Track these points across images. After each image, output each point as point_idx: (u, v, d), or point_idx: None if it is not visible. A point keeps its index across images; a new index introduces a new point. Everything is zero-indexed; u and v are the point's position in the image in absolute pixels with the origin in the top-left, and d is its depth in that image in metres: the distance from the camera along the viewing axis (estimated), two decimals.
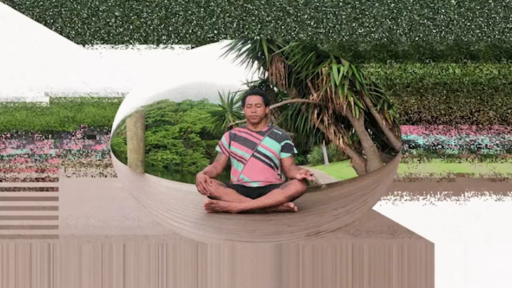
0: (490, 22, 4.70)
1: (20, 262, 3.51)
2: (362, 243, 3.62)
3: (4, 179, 6.07)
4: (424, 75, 5.35)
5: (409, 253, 3.54)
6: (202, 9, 4.81)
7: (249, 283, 3.40)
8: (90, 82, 6.40)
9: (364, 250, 3.54)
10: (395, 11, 4.25)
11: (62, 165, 6.32)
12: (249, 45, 5.85)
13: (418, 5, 4.23)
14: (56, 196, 5.27)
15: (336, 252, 3.53)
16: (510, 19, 4.58)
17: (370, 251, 3.53)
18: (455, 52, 5.13)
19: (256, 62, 5.92)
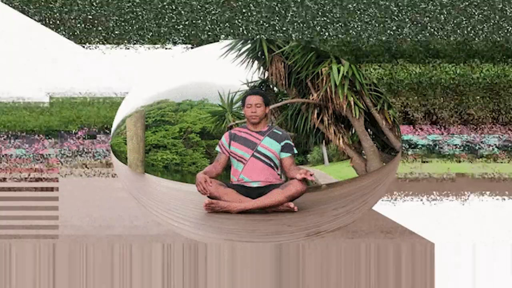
0: None
1: (20, 262, 3.51)
2: (361, 243, 3.62)
3: (4, 179, 6.07)
4: None
5: (409, 253, 3.54)
6: (202, 9, 4.81)
7: (249, 283, 3.40)
8: (90, 82, 6.40)
9: (364, 250, 3.54)
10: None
11: (61, 165, 6.32)
12: (249, 45, 5.86)
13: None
14: (56, 196, 5.27)
15: (336, 252, 3.53)
16: None
17: (370, 251, 3.53)
18: None
19: (256, 62, 5.93)
